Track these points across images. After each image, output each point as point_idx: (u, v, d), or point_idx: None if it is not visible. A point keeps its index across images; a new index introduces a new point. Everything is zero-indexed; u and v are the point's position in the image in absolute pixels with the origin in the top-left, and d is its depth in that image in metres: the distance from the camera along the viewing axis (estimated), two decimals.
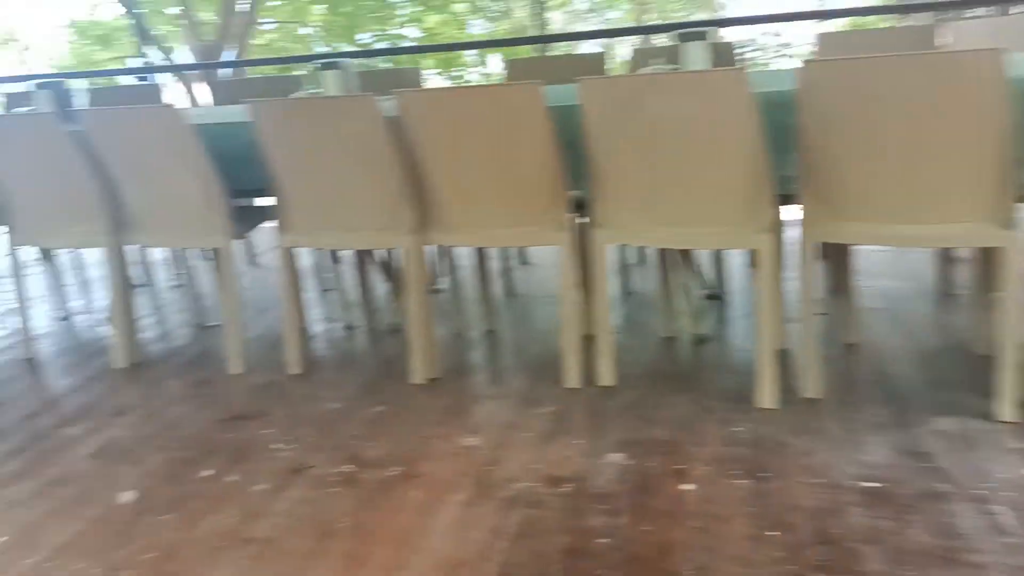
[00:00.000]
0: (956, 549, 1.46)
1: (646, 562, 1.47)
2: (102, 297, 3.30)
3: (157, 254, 3.85)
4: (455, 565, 1.47)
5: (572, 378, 2.29)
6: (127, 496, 1.73)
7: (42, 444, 2.04)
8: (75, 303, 3.28)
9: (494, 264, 3.67)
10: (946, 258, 2.87)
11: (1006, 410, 1.91)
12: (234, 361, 2.46)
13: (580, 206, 2.31)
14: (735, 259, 3.41)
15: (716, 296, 3.00)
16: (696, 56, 2.47)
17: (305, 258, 3.78)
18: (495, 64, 14.79)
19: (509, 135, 2.17)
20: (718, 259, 3.00)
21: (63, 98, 2.88)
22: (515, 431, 2.02)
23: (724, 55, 3.14)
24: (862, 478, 1.71)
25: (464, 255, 3.79)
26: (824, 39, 3.24)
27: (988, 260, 2.26)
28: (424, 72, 3.90)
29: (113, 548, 1.56)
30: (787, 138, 2.00)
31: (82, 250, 3.85)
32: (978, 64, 1.76)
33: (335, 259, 3.20)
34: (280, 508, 1.67)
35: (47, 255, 3.36)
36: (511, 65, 3.68)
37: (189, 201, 2.45)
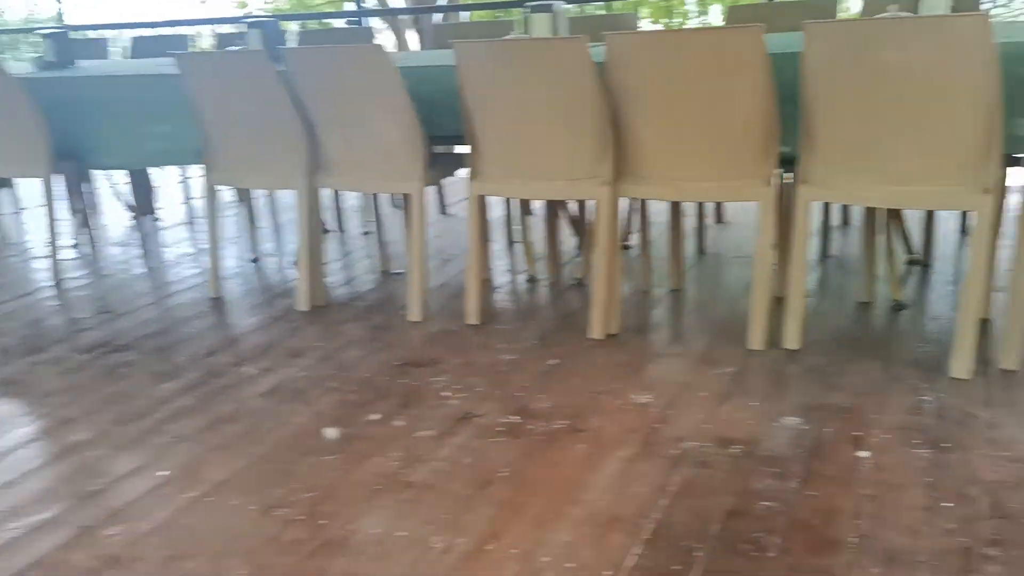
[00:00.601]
0: None
1: (808, 528, 1.48)
2: (293, 241, 3.65)
3: (348, 201, 4.18)
4: (611, 520, 1.55)
5: (756, 339, 2.29)
6: (331, 433, 1.96)
7: (216, 381, 2.30)
8: (267, 246, 3.66)
9: (688, 222, 3.68)
10: None
11: None
12: (414, 308, 2.67)
13: (783, 163, 2.29)
14: (945, 224, 3.31)
15: (920, 262, 2.94)
16: (936, 2, 2.39)
17: (496, 209, 3.97)
18: (716, 14, 14.32)
19: (724, 82, 2.20)
20: (927, 223, 2.89)
21: (274, 38, 3.11)
22: (690, 390, 2.06)
23: (966, 3, 3.00)
24: None
25: (657, 211, 3.82)
26: None
27: None
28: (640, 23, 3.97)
29: (272, 486, 1.75)
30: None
31: (277, 193, 4.27)
32: None
33: (525, 211, 3.34)
34: (442, 454, 1.82)
35: (243, 197, 3.74)
36: (732, 13, 3.67)
37: (387, 145, 2.66)
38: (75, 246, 3.76)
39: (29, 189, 4.60)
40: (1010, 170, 2.26)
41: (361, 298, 2.93)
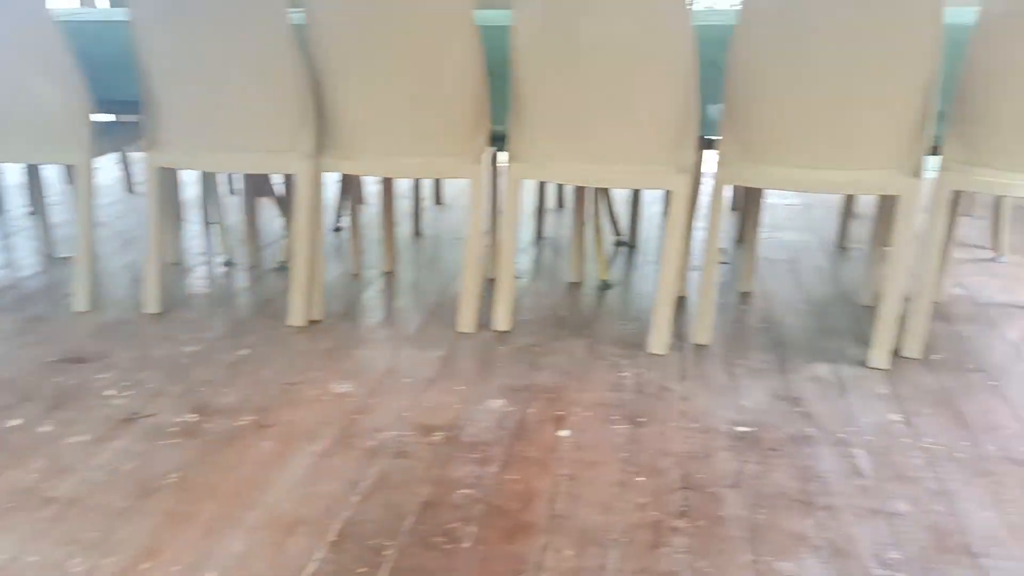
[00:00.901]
0: (812, 492, 1.53)
1: (505, 513, 1.43)
2: None
3: (11, 177, 3.67)
4: (293, 523, 1.40)
5: (466, 322, 2.24)
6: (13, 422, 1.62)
7: None
8: None
9: (404, 203, 3.60)
10: (847, 213, 3.11)
11: (879, 358, 2.07)
12: (80, 296, 2.34)
13: (498, 141, 2.26)
14: (650, 207, 3.51)
15: (627, 243, 3.08)
16: None
17: (191, 188, 3.65)
18: None
19: (432, 53, 2.11)
20: (634, 206, 3.04)
21: None
22: (394, 377, 1.96)
23: None
24: (735, 423, 1.78)
25: (372, 193, 3.71)
26: None
27: (884, 215, 2.44)
28: None
29: None
30: (718, 79, 2.06)
31: None
32: (919, 1, 1.81)
33: (227, 191, 3.08)
34: (97, 463, 1.58)
35: None
36: None
37: (46, 110, 2.30)
38: None
39: None
40: (705, 153, 2.40)
41: (16, 286, 2.53)
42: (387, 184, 2.70)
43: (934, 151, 2.03)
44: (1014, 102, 1.87)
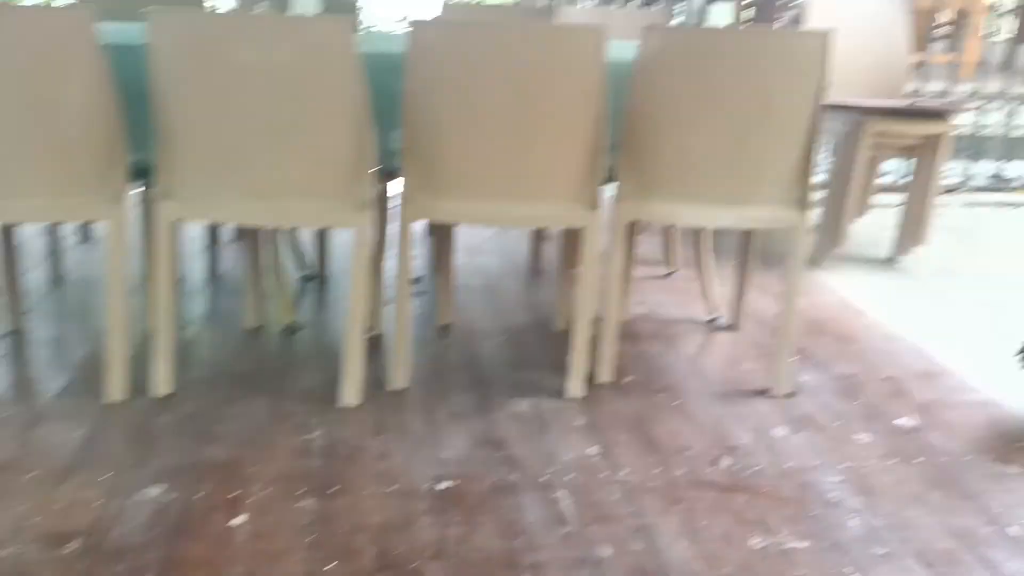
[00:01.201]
0: (518, 550, 1.46)
1: None
2: None
3: None
4: None
5: (115, 390, 1.93)
6: None
7: None
8: None
9: (39, 243, 3.13)
10: (538, 236, 3.18)
11: (575, 387, 2.06)
12: None
13: (146, 173, 1.98)
14: (341, 235, 3.30)
15: (315, 277, 2.86)
16: (306, 3, 2.39)
17: None
18: None
19: (42, 70, 1.80)
20: (321, 234, 2.85)
21: None
22: (13, 472, 1.62)
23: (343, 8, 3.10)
24: (437, 479, 1.67)
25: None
26: (448, 8, 3.35)
27: (571, 238, 2.47)
28: None
29: None
30: (397, 108, 1.95)
31: None
32: (582, 41, 1.86)
33: None
34: None
35: None
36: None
37: None
38: None
39: None
40: (390, 183, 2.27)
41: None
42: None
43: (611, 180, 2.07)
44: (671, 135, 1.95)
